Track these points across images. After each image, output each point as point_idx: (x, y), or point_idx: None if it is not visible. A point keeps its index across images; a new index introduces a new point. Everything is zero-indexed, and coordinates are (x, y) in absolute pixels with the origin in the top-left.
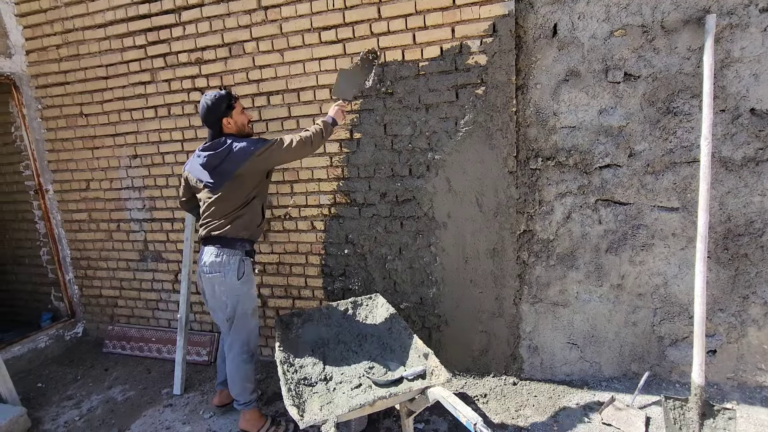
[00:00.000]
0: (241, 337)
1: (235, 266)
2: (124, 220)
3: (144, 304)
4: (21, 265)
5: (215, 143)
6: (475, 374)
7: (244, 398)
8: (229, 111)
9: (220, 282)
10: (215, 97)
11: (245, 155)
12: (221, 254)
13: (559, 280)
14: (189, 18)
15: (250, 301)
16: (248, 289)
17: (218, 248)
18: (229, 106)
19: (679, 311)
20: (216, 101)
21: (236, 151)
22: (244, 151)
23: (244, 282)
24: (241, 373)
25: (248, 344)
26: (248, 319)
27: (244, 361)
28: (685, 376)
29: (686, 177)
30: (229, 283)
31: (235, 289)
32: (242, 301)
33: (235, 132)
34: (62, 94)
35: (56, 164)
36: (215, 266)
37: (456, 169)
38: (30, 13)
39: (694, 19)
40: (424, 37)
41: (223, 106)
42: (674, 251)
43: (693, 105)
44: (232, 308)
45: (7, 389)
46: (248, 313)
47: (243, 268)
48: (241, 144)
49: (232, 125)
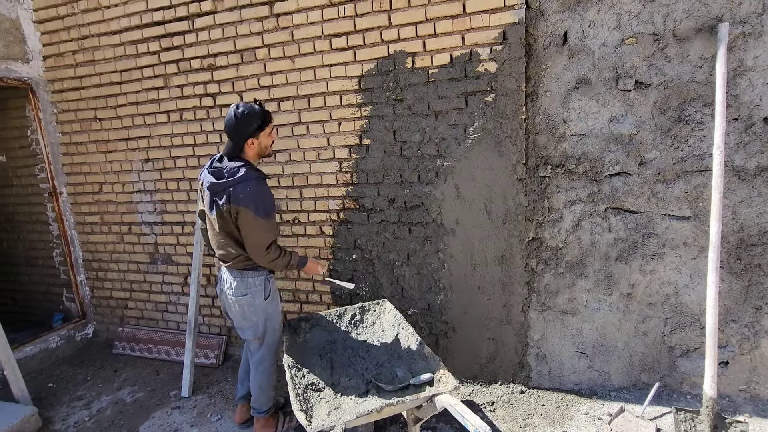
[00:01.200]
0: (271, 350)
1: (261, 287)
2: (136, 222)
3: (153, 306)
4: (34, 266)
5: (228, 171)
6: (482, 382)
7: (267, 406)
8: (258, 132)
9: (249, 303)
10: (248, 112)
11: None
12: (246, 276)
13: (568, 288)
14: (202, 25)
15: (277, 317)
16: (275, 307)
17: (241, 272)
18: (260, 127)
19: (690, 321)
20: (248, 116)
21: (234, 191)
22: (237, 199)
23: (271, 301)
24: (271, 383)
25: (276, 354)
26: (276, 334)
27: (274, 372)
28: (696, 387)
29: (698, 186)
30: (258, 304)
31: (264, 309)
32: (271, 319)
33: (254, 154)
34: (77, 99)
35: (70, 167)
36: (241, 288)
37: (465, 175)
38: (48, 20)
39: (707, 27)
40: (434, 44)
41: (255, 124)
42: (686, 261)
43: (705, 113)
44: (263, 326)
45: (19, 389)
46: (276, 328)
47: (269, 287)
48: (245, 190)
49: (255, 147)
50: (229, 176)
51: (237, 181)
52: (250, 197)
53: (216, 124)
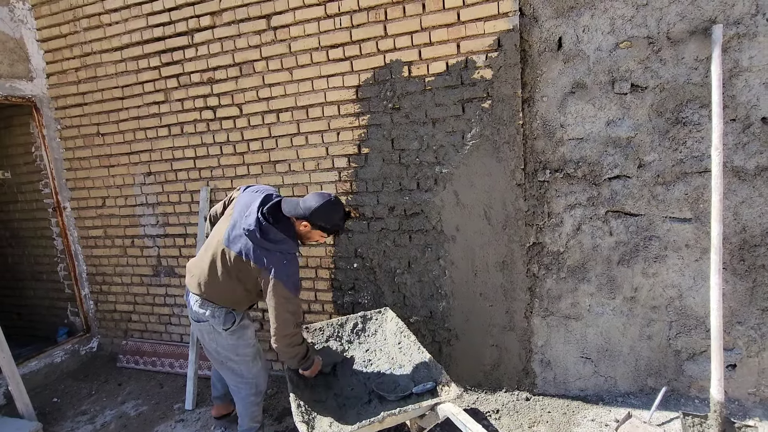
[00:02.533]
0: (246, 380)
1: (221, 318)
2: (139, 236)
3: (157, 318)
4: (39, 281)
5: (274, 239)
6: (486, 389)
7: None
8: (317, 228)
9: (208, 331)
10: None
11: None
12: (206, 306)
13: (570, 292)
14: (201, 39)
15: (247, 347)
16: (239, 338)
17: (204, 301)
18: (323, 228)
19: (695, 324)
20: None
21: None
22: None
23: (234, 330)
24: (250, 414)
25: (256, 387)
26: (249, 365)
27: (252, 403)
28: (704, 391)
29: (698, 187)
30: (219, 332)
31: (226, 338)
32: (236, 349)
33: (299, 234)
34: (80, 115)
35: (74, 182)
36: (200, 315)
37: (464, 182)
38: (51, 38)
39: (701, 29)
40: (429, 53)
41: (328, 224)
42: (688, 263)
43: (702, 115)
44: (226, 357)
45: (24, 404)
46: (248, 359)
47: (232, 318)
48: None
49: (303, 230)
50: (273, 242)
51: (279, 249)
52: (286, 272)
53: (216, 136)
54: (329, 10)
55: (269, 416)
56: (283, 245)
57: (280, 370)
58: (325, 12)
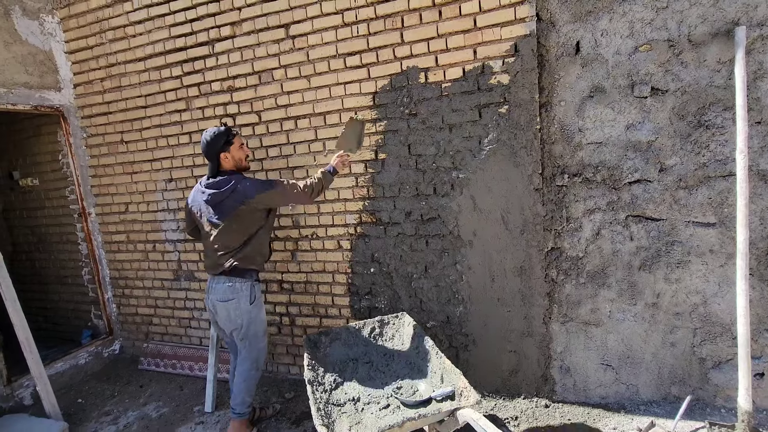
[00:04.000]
0: (251, 355)
1: (248, 292)
2: (160, 241)
3: (177, 322)
4: (64, 285)
5: (220, 181)
6: (504, 396)
7: (241, 409)
8: (227, 146)
9: (235, 307)
10: (214, 134)
11: (247, 195)
12: (233, 282)
13: (590, 298)
14: (222, 49)
15: (261, 323)
16: (258, 312)
17: (230, 278)
18: (227, 142)
19: (721, 331)
20: (214, 137)
21: (240, 189)
22: (247, 191)
23: (255, 305)
24: (247, 386)
25: (257, 362)
26: (258, 340)
27: (252, 377)
28: (730, 400)
29: (722, 191)
30: (243, 308)
31: (248, 312)
32: (254, 323)
33: (232, 166)
34: (105, 123)
35: (98, 189)
36: (228, 293)
37: (481, 187)
38: (78, 50)
39: (723, 31)
40: (446, 59)
41: (221, 141)
42: (713, 268)
43: (726, 118)
44: (246, 329)
45: (50, 404)
46: (259, 334)
47: (254, 292)
48: (246, 183)
49: (230, 160)
50: (226, 183)
51: (235, 184)
52: (255, 185)
53: None
54: (347, 19)
55: (287, 420)
56: (232, 179)
57: (298, 374)
58: (343, 20)
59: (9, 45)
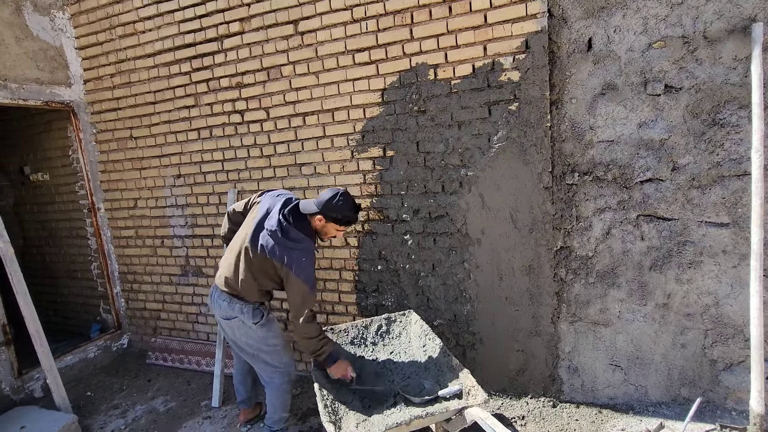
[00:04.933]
0: (279, 369)
1: (250, 313)
2: (168, 236)
3: (185, 317)
4: (74, 279)
5: (291, 234)
6: (511, 395)
7: (279, 426)
8: (331, 220)
9: (238, 326)
10: (343, 203)
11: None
12: (233, 303)
13: (599, 298)
14: (230, 45)
15: (277, 338)
16: (268, 330)
17: (231, 297)
18: (336, 219)
19: (733, 333)
20: (341, 206)
21: (289, 255)
22: (291, 262)
23: (263, 324)
24: (282, 402)
25: (289, 375)
26: (281, 354)
27: (285, 391)
28: (742, 403)
29: (736, 191)
30: (249, 326)
31: (256, 332)
32: (268, 341)
33: (314, 230)
34: (114, 119)
35: (107, 184)
36: (228, 312)
37: (489, 185)
38: (88, 46)
39: (739, 28)
40: (456, 55)
41: (339, 215)
42: (725, 269)
43: (741, 116)
44: (257, 349)
45: (60, 397)
46: (279, 349)
47: (260, 313)
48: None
49: (320, 225)
50: (292, 241)
51: (298, 248)
52: (303, 268)
53: (243, 139)
54: (356, 15)
55: (294, 416)
56: (302, 243)
57: (304, 371)
58: (352, 16)
59: (20, 41)
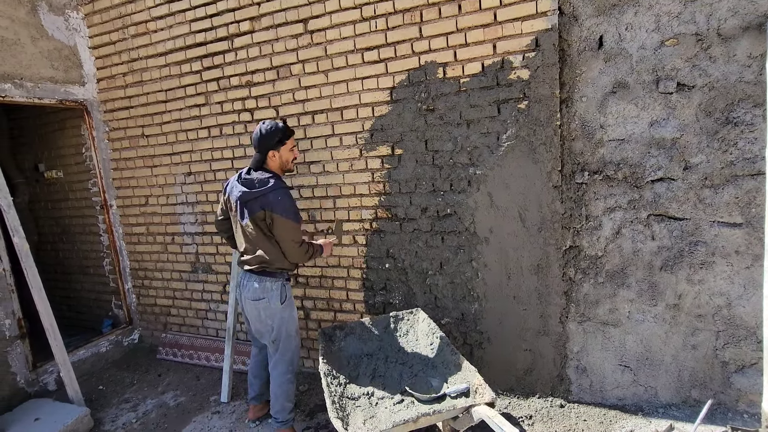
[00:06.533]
0: (285, 357)
1: (278, 292)
2: (178, 233)
3: (194, 313)
4: (86, 275)
5: (256, 181)
6: (519, 394)
7: (283, 416)
8: (279, 145)
9: (264, 307)
10: (271, 128)
11: (272, 207)
12: (263, 281)
13: (608, 298)
14: (241, 44)
15: (293, 323)
16: (290, 312)
17: (260, 277)
18: (281, 141)
19: (745, 335)
20: (270, 132)
21: (269, 199)
22: (273, 205)
23: (286, 306)
24: (285, 391)
25: (292, 364)
26: (291, 340)
27: (288, 380)
28: (753, 405)
29: (750, 191)
30: (274, 308)
31: (279, 313)
32: (286, 323)
33: (277, 167)
34: (126, 117)
35: (119, 182)
36: (258, 293)
37: (498, 183)
38: (101, 45)
39: (755, 25)
40: (465, 54)
41: (276, 138)
42: (738, 270)
43: (756, 114)
44: (278, 331)
45: (73, 390)
46: (292, 334)
47: (285, 292)
48: (277, 197)
49: (276, 159)
50: (260, 185)
51: (269, 190)
52: (283, 206)
53: None
54: (365, 13)
55: (301, 412)
56: (270, 182)
57: (312, 368)
58: (361, 15)
59: (36, 40)
